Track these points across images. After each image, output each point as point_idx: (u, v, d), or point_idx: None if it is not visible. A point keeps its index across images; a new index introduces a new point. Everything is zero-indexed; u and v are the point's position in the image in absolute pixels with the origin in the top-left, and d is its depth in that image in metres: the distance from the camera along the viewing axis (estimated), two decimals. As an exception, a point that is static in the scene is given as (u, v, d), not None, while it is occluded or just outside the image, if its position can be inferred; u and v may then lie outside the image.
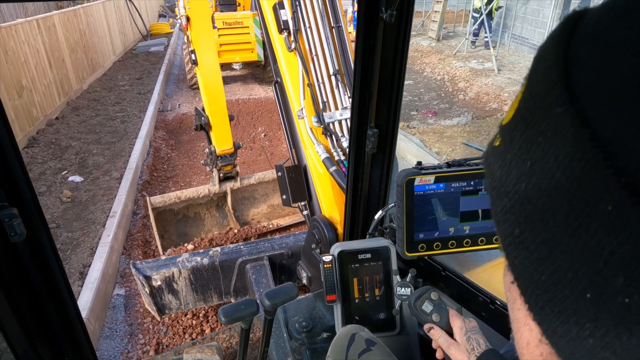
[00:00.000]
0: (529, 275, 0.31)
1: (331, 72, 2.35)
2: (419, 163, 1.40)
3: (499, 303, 1.39)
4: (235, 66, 9.57)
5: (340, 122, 2.36)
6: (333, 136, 2.34)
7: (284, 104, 2.59)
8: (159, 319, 3.31)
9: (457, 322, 1.13)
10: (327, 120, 2.32)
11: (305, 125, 2.36)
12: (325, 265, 1.60)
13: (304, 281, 2.48)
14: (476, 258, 1.62)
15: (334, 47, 2.37)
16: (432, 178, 1.36)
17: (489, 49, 11.60)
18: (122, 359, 3.14)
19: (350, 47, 2.36)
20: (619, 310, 0.25)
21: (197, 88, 9.58)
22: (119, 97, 9.16)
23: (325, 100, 2.34)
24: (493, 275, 1.56)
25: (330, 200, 2.31)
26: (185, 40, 9.12)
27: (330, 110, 2.35)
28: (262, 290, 2.94)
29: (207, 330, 3.35)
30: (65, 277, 1.13)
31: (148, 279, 2.92)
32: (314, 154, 2.33)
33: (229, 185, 4.65)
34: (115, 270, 3.96)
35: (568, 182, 0.27)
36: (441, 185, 1.36)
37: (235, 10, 9.46)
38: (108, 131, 7.17)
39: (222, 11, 9.01)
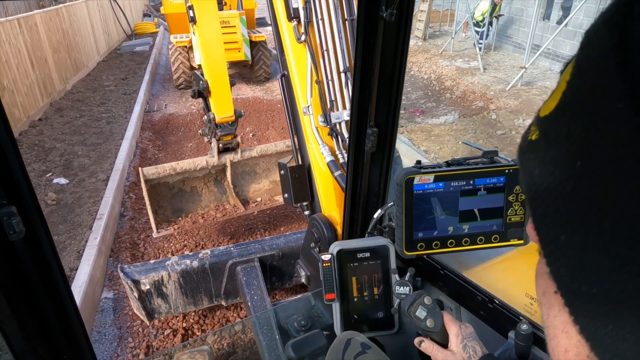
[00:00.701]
0: (577, 287, 0.27)
1: (341, 69, 2.20)
2: (418, 162, 1.41)
3: (497, 302, 1.40)
4: (223, 66, 9.47)
5: (347, 122, 2.22)
6: (339, 137, 2.22)
7: (290, 98, 2.47)
8: (147, 323, 3.26)
9: (453, 329, 1.10)
10: (333, 120, 2.19)
11: (310, 123, 2.25)
12: (324, 264, 1.60)
13: (303, 280, 2.46)
14: (475, 257, 1.63)
15: (345, 42, 2.20)
16: (431, 177, 1.36)
17: (475, 50, 11.74)
18: (112, 363, 3.09)
19: None
20: None
21: (184, 88, 9.50)
22: (103, 97, 9.02)
23: (333, 99, 2.21)
24: (491, 274, 1.57)
25: (331, 199, 2.26)
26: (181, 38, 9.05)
27: (337, 109, 2.22)
28: (253, 292, 2.91)
29: (198, 333, 3.31)
30: (64, 275, 1.11)
31: (136, 283, 2.87)
32: (318, 152, 2.25)
33: (228, 158, 4.28)
34: (103, 273, 3.89)
35: (628, 190, 0.23)
36: (440, 184, 1.37)
37: (221, 9, 9.38)
38: (93, 132, 7.05)
39: (208, 11, 8.91)
